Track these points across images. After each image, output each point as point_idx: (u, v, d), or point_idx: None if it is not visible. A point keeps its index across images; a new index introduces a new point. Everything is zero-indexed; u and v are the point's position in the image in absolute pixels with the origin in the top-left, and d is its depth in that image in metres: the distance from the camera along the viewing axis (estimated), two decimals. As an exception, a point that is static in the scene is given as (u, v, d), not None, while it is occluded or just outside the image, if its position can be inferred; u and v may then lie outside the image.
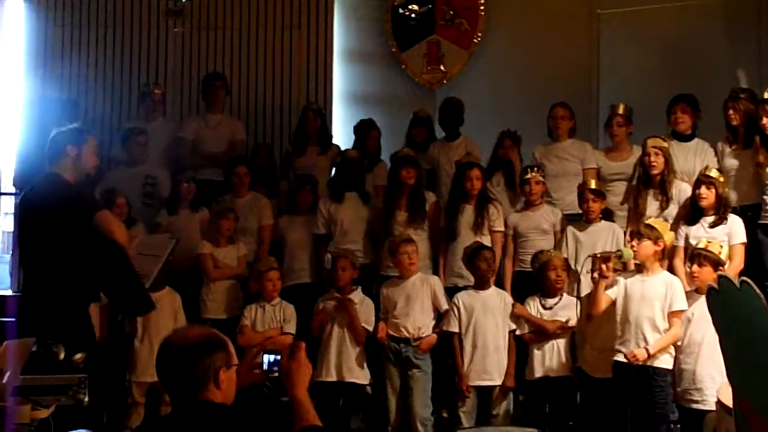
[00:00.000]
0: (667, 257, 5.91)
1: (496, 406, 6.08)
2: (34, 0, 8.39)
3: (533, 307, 6.11)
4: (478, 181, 6.53)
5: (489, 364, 6.06)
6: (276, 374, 3.06)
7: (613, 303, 5.67)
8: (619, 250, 5.72)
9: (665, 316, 5.56)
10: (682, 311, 5.56)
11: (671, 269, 5.94)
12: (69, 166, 4.94)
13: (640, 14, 8.05)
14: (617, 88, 7.83)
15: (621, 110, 6.70)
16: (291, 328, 6.26)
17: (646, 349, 5.48)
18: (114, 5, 8.44)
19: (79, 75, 8.31)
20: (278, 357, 3.04)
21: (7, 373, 3.02)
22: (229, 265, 6.65)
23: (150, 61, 8.43)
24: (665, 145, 6.27)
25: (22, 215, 5.13)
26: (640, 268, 5.69)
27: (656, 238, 5.62)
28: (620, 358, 5.60)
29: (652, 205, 6.23)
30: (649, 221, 5.81)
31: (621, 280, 5.68)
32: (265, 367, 3.05)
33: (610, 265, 5.64)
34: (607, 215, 6.39)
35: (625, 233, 6.14)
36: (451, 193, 6.72)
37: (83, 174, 5.02)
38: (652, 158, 6.22)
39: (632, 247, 5.66)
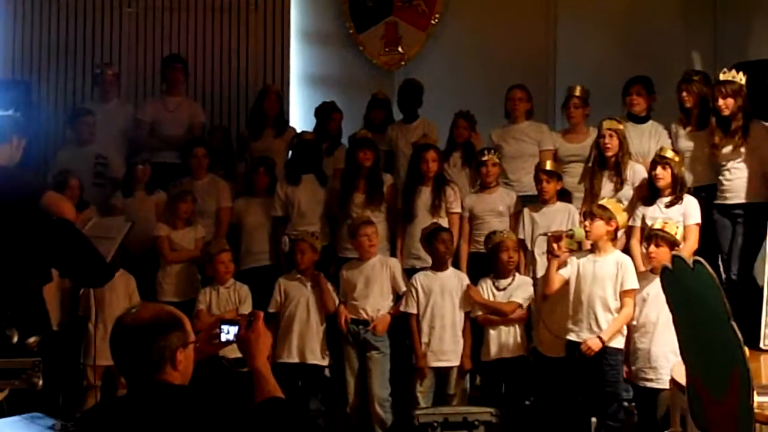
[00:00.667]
0: (619, 237, 5.97)
1: (453, 387, 6.12)
2: (-16, -22, 8.25)
3: (486, 288, 6.14)
4: (434, 162, 6.54)
5: (446, 345, 6.10)
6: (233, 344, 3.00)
7: (567, 283, 5.72)
8: (570, 230, 5.78)
9: (617, 296, 5.63)
10: (633, 290, 5.62)
11: (628, 249, 6.01)
12: (5, 155, 4.87)
13: (597, -3, 8.12)
14: (574, 70, 7.86)
15: (578, 92, 6.75)
16: (246, 309, 6.22)
17: (600, 338, 5.54)
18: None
19: (31, 56, 8.17)
20: (237, 327, 2.99)
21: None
22: (186, 248, 6.62)
23: (104, 42, 8.29)
24: (620, 127, 6.32)
25: None
26: (592, 248, 5.75)
27: (609, 219, 5.68)
28: (572, 337, 5.67)
29: (606, 187, 6.27)
30: (602, 201, 5.87)
31: (574, 260, 5.74)
32: (222, 338, 2.99)
33: (562, 244, 5.71)
34: (565, 196, 6.44)
35: (580, 214, 6.19)
36: (408, 174, 6.73)
37: (12, 165, 4.95)
38: (607, 140, 6.26)
39: (585, 227, 5.71)
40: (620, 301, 5.62)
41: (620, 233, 5.93)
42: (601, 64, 7.89)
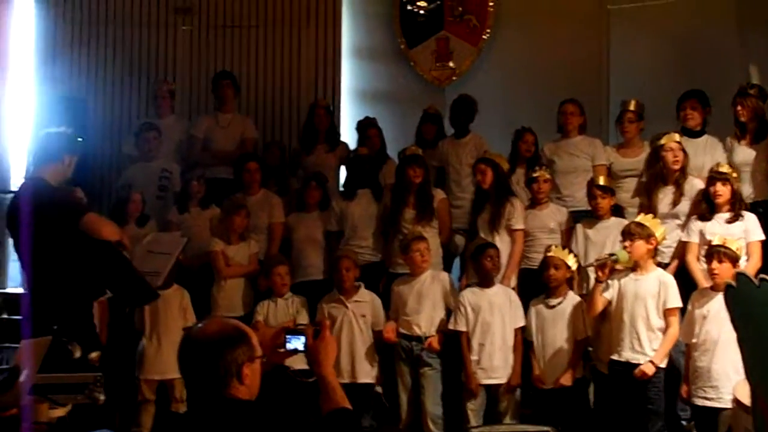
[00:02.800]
0: (672, 255, 5.92)
1: (504, 404, 6.06)
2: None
3: (534, 309, 6.07)
4: (491, 177, 6.49)
5: (496, 362, 6.04)
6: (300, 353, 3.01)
7: (610, 303, 5.69)
8: (613, 254, 5.70)
9: (660, 315, 5.57)
10: (677, 309, 5.57)
11: (684, 266, 5.93)
12: (57, 173, 4.94)
13: (651, 9, 8.01)
14: (627, 84, 7.79)
15: (632, 106, 6.67)
16: (304, 318, 6.26)
17: (652, 362, 5.49)
18: (123, 3, 8.44)
19: (88, 73, 8.30)
20: (302, 336, 2.98)
21: (24, 372, 3.00)
22: (240, 263, 6.64)
23: (159, 59, 8.43)
24: (682, 141, 6.26)
25: (10, 219, 5.11)
26: (633, 267, 5.69)
27: (648, 236, 5.62)
28: (615, 356, 5.62)
29: (664, 201, 6.20)
30: (638, 219, 5.80)
31: (615, 280, 5.68)
32: (289, 348, 2.99)
33: (606, 271, 5.64)
34: (618, 212, 6.37)
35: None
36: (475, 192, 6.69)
37: (63, 182, 5.02)
38: (675, 154, 6.19)
39: (625, 247, 5.64)
40: (665, 320, 5.56)
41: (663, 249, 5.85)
42: (654, 77, 7.80)
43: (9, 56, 8.34)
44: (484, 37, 8.44)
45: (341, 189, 7.11)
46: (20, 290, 7.64)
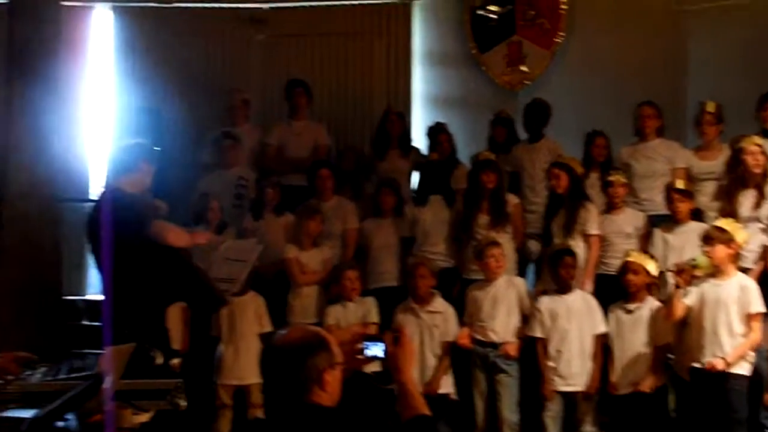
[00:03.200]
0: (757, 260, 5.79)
1: (582, 411, 5.99)
2: (121, 10, 8.56)
3: (612, 315, 5.98)
4: (565, 181, 6.43)
5: (574, 369, 5.98)
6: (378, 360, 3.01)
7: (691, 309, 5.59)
8: (693, 260, 5.59)
9: (742, 320, 5.46)
10: (759, 314, 5.45)
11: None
12: (135, 182, 5.01)
13: (729, 9, 7.82)
14: (706, 86, 7.62)
15: (711, 108, 6.54)
16: (374, 318, 6.27)
17: (724, 359, 5.37)
18: (198, 14, 8.57)
19: (165, 83, 8.44)
20: (381, 343, 2.98)
21: (108, 378, 3.06)
22: (314, 269, 6.67)
23: (234, 69, 8.54)
24: (762, 143, 6.12)
25: (89, 228, 5.21)
26: (714, 272, 5.57)
27: (728, 241, 5.51)
28: (696, 363, 5.51)
29: (745, 205, 6.07)
30: (718, 223, 5.69)
31: (696, 286, 5.58)
32: (368, 354, 2.99)
33: (686, 277, 5.53)
34: (698, 216, 6.25)
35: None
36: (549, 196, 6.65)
37: (142, 191, 5.09)
38: (756, 157, 6.06)
39: (706, 252, 5.53)
40: (746, 325, 5.44)
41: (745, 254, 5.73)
42: (733, 78, 7.61)
43: (88, 67, 8.53)
44: (556, 40, 8.35)
45: (413, 195, 7.10)
46: (100, 297, 7.84)
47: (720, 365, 5.37)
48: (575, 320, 6.01)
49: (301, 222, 6.74)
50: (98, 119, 8.41)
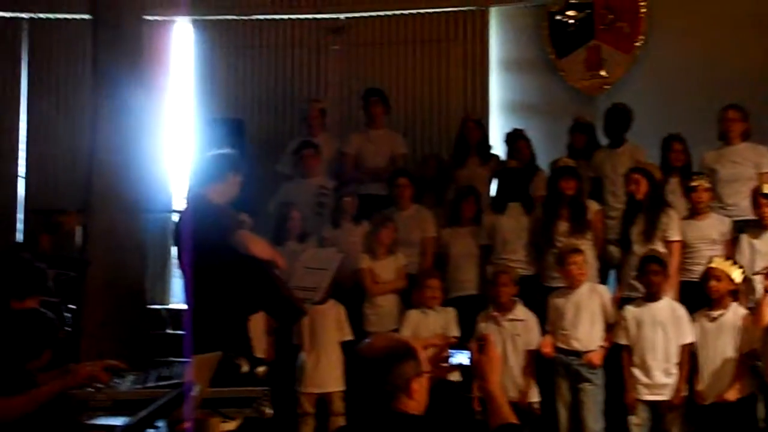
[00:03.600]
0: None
1: (668, 421, 5.87)
2: (201, 24, 8.71)
3: (698, 323, 5.87)
4: (645, 186, 6.32)
5: (659, 378, 5.86)
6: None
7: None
8: None
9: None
10: None
11: None
12: (221, 191, 5.05)
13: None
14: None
15: (801, 110, 6.39)
16: (454, 331, 6.23)
17: None
18: (276, 26, 8.67)
19: (244, 95, 8.56)
20: (466, 351, 2.96)
21: (196, 386, 3.09)
22: (388, 279, 6.67)
23: (311, 79, 8.61)
24: None
25: (176, 236, 5.29)
26: None
27: None
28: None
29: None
30: None
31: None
32: (454, 362, 2.97)
33: None
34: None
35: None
36: (627, 202, 6.55)
37: (228, 201, 5.13)
38: None
39: None
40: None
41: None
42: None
43: (169, 80, 8.70)
44: (637, 44, 8.23)
45: (492, 202, 7.05)
46: (183, 306, 7.95)
47: None
48: (660, 329, 5.89)
49: (375, 231, 6.74)
50: (180, 131, 8.56)
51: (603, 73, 8.32)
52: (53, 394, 3.39)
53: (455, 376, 5.48)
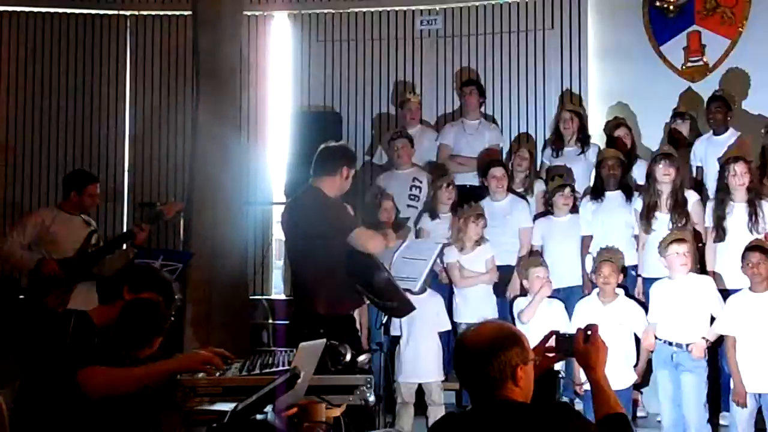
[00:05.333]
0: None
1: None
2: (298, 17, 8.82)
3: None
4: (744, 175, 6.18)
5: (763, 370, 5.71)
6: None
7: None
8: None
9: None
10: None
11: None
12: (335, 185, 5.12)
13: None
14: None
15: None
16: (560, 324, 6.16)
17: None
18: (371, 18, 8.74)
19: (340, 87, 8.65)
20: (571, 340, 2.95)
21: (303, 373, 3.15)
22: (476, 271, 6.65)
23: (406, 69, 8.64)
24: None
25: (286, 225, 5.38)
26: None
27: None
28: None
29: None
30: None
31: None
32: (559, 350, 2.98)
33: None
34: None
35: None
36: (717, 190, 6.41)
37: (341, 194, 5.19)
38: None
39: None
40: None
41: None
42: None
43: (269, 74, 8.84)
44: (739, 29, 8.02)
45: (591, 191, 6.98)
46: (284, 297, 8.11)
47: None
48: (765, 319, 5.75)
49: (463, 224, 6.73)
50: (279, 124, 8.69)
51: (704, 59, 8.14)
52: (168, 372, 3.48)
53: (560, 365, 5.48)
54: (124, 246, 6.39)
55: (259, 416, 3.14)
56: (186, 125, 8.03)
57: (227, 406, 3.16)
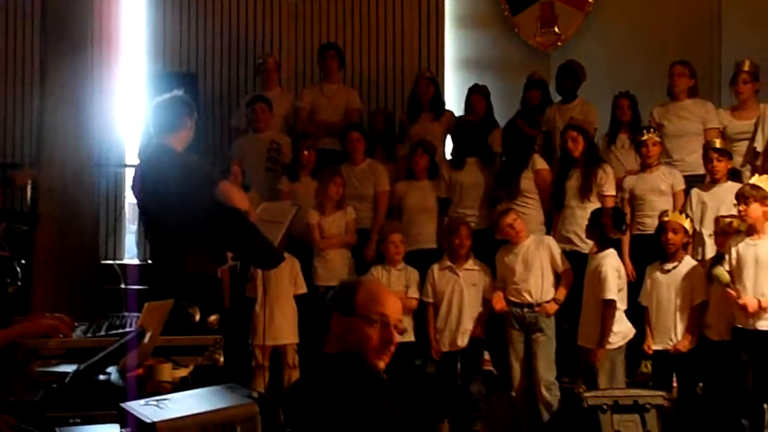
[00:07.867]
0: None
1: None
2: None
3: (649, 275, 5.96)
4: (575, 143, 6.39)
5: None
6: None
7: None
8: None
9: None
10: None
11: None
12: (182, 138, 5.02)
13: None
14: (740, 44, 7.54)
15: (747, 67, 6.49)
16: (414, 292, 6.31)
17: (759, 301, 5.36)
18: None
19: (197, 49, 8.46)
20: None
21: (149, 333, 3.10)
22: (337, 234, 6.68)
23: (265, 32, 8.53)
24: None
25: (139, 187, 5.23)
26: (750, 231, 5.54)
27: (763, 198, 5.45)
28: (739, 324, 5.49)
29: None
30: (753, 180, 5.62)
31: (732, 247, 5.56)
32: None
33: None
34: (734, 176, 6.20)
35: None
36: (560, 159, 6.62)
37: (187, 145, 5.10)
38: None
39: (740, 211, 5.50)
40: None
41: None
42: (768, 36, 7.53)
43: (120, 33, 8.57)
44: (590, 0, 8.26)
45: (449, 157, 7.09)
46: (135, 261, 7.94)
47: (753, 305, 5.38)
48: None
49: (323, 186, 6.73)
50: (131, 85, 8.45)
51: (556, 29, 8.36)
52: (8, 338, 3.36)
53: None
54: None
55: (102, 377, 3.07)
56: (35, 87, 7.69)
57: (70, 368, 3.08)
